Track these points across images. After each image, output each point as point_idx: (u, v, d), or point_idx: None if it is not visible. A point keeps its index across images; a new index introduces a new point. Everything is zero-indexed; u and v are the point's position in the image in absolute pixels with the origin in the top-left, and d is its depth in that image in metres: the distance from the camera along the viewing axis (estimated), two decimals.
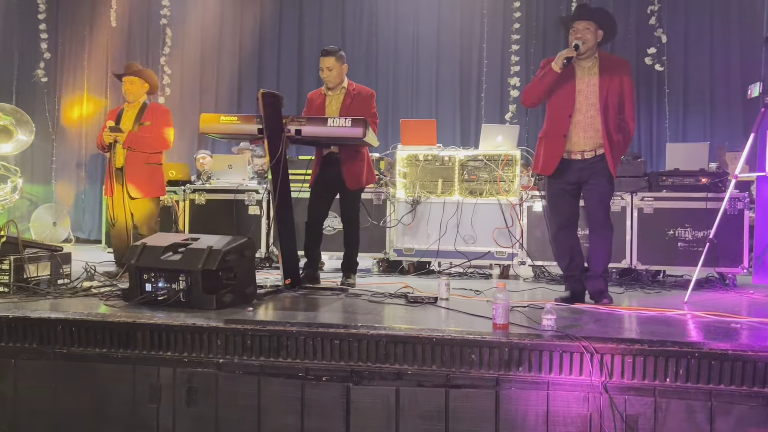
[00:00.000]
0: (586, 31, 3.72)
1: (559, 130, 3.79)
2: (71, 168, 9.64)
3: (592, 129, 3.75)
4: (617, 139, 3.77)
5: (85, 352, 3.10)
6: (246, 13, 9.49)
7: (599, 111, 3.72)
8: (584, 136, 3.77)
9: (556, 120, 3.83)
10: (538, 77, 3.83)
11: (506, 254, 5.40)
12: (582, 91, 3.77)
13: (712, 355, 2.67)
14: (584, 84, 3.77)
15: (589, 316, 3.45)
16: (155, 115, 4.76)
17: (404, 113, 8.64)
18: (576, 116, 3.76)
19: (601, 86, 3.74)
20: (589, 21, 3.74)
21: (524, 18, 8.72)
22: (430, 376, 2.85)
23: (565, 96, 3.78)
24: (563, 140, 3.77)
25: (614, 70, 3.77)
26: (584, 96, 3.77)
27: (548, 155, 3.84)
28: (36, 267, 3.93)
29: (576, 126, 3.77)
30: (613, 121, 3.74)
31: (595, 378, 2.71)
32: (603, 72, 3.75)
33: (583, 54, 3.74)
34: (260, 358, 2.96)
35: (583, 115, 3.76)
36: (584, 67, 3.80)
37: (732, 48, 8.21)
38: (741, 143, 7.79)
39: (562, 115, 3.78)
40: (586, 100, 3.76)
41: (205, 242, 3.48)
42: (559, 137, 3.79)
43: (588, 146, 3.77)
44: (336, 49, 4.37)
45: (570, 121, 3.76)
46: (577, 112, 3.76)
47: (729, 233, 4.81)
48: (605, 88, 3.73)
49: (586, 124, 3.76)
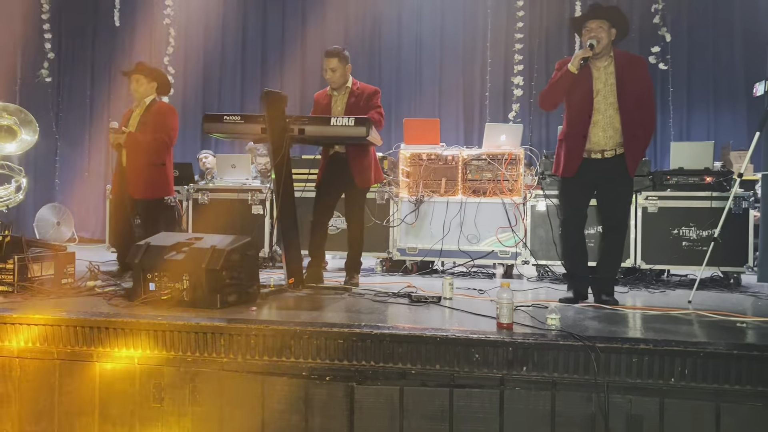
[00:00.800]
0: (600, 30, 3.69)
1: (579, 131, 3.77)
2: (75, 168, 9.66)
3: (612, 128, 3.72)
4: (638, 137, 3.72)
5: (89, 352, 3.10)
6: (249, 13, 9.50)
7: (618, 110, 3.71)
8: (604, 135, 3.74)
9: (575, 121, 3.80)
10: (554, 80, 3.80)
11: (510, 254, 5.38)
12: (600, 91, 3.74)
13: (718, 354, 2.65)
14: (601, 83, 3.74)
15: (594, 315, 3.44)
16: (156, 115, 4.73)
17: (408, 113, 8.64)
18: (595, 116, 3.73)
19: (618, 85, 3.71)
20: (603, 20, 3.71)
21: (528, 17, 8.71)
22: (434, 376, 2.84)
23: (583, 96, 3.75)
24: (583, 141, 3.75)
25: (631, 67, 3.74)
26: (602, 95, 3.74)
27: (569, 157, 3.81)
28: (40, 266, 3.93)
29: (595, 126, 3.74)
30: (632, 119, 3.71)
31: (600, 378, 2.69)
32: (619, 70, 3.73)
33: (598, 53, 3.72)
34: (264, 358, 2.95)
35: (602, 115, 3.73)
36: (600, 66, 3.77)
37: (736, 46, 8.20)
38: (745, 142, 7.79)
39: (582, 116, 3.76)
40: (604, 100, 3.73)
41: (208, 242, 3.48)
42: (579, 138, 3.76)
43: (608, 145, 3.74)
44: (339, 50, 4.36)
45: (590, 121, 3.73)
46: (596, 112, 3.73)
47: (733, 232, 4.80)
48: (623, 86, 3.70)
49: (606, 124, 3.73)
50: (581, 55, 3.65)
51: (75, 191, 9.66)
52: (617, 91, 3.71)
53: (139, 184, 4.66)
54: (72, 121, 9.76)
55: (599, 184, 3.82)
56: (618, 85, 3.71)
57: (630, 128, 3.70)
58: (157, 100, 4.83)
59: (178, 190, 5.92)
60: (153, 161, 4.71)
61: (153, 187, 4.73)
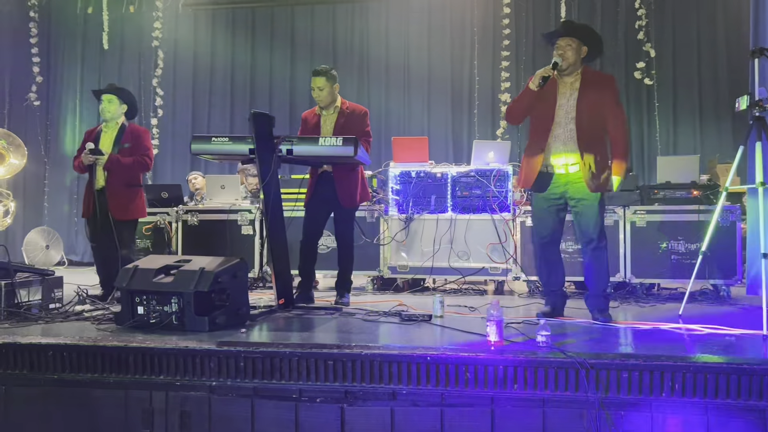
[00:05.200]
0: (568, 48, 3.74)
1: (538, 143, 3.82)
2: (64, 191, 9.62)
3: (572, 142, 3.75)
4: (598, 154, 3.73)
5: (77, 378, 3.06)
6: (238, 33, 9.55)
7: (576, 125, 3.74)
8: (564, 149, 3.77)
9: (536, 133, 3.86)
10: (519, 95, 3.87)
11: (500, 270, 5.39)
12: (562, 106, 3.79)
13: (708, 368, 2.66)
14: (565, 99, 3.79)
15: (584, 331, 3.44)
16: (134, 138, 4.72)
17: (396, 131, 8.68)
18: (555, 130, 3.78)
19: (579, 100, 3.75)
20: (572, 38, 3.76)
21: (514, 34, 8.80)
22: (424, 396, 2.83)
23: (546, 110, 3.80)
24: (541, 153, 3.80)
25: (596, 84, 3.78)
26: (564, 110, 3.78)
27: (528, 168, 3.86)
28: (27, 292, 3.90)
29: (556, 139, 3.78)
30: (591, 136, 3.73)
31: (591, 394, 2.69)
32: (584, 87, 3.77)
33: (566, 70, 3.77)
34: (253, 381, 2.93)
35: (562, 129, 3.77)
36: (567, 82, 3.82)
37: (719, 60, 8.30)
38: (732, 155, 7.86)
39: (542, 129, 3.82)
40: (566, 115, 3.77)
41: (197, 264, 3.47)
42: (537, 150, 3.81)
43: (570, 160, 3.77)
44: (327, 69, 4.39)
45: (549, 134, 3.78)
46: (556, 126, 3.78)
47: (722, 245, 4.83)
48: (583, 102, 3.74)
49: (566, 138, 3.76)
50: (541, 74, 3.66)
51: (64, 214, 9.61)
52: (577, 105, 3.75)
53: (120, 205, 4.64)
54: (61, 144, 9.74)
55: (569, 199, 3.84)
56: (579, 100, 3.75)
57: (587, 143, 3.71)
58: (126, 124, 4.80)
59: (168, 212, 5.91)
60: (131, 183, 4.73)
61: (132, 209, 4.73)
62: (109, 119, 4.76)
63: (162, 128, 9.49)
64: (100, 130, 4.81)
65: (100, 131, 4.79)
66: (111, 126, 4.77)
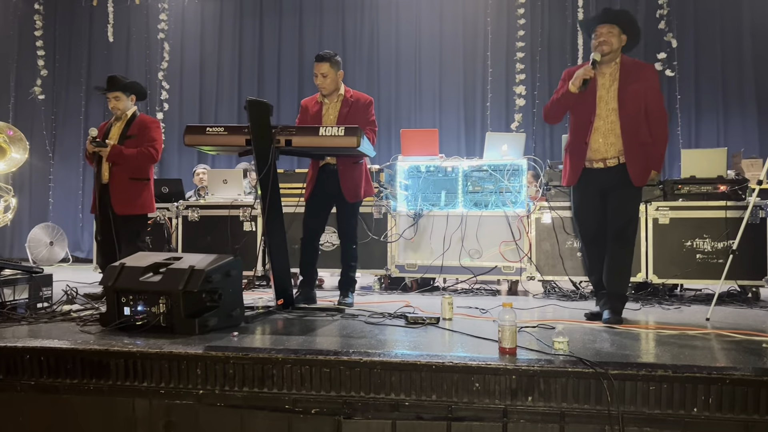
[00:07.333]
0: (610, 35, 3.55)
1: (581, 137, 3.64)
2: (69, 186, 9.48)
3: (613, 135, 3.56)
4: (643, 145, 3.55)
5: (55, 384, 2.84)
6: (245, 26, 9.35)
7: (619, 116, 3.54)
8: (605, 142, 3.58)
9: (577, 128, 3.68)
10: (557, 96, 3.67)
11: (514, 269, 5.12)
12: (603, 97, 3.60)
13: (746, 381, 2.38)
14: (605, 90, 3.60)
15: (606, 337, 3.17)
16: (141, 128, 4.52)
17: (407, 123, 8.43)
18: (596, 122, 3.59)
19: (620, 90, 3.55)
20: (613, 24, 3.56)
21: (529, 26, 8.51)
22: (429, 408, 2.57)
23: (586, 103, 3.61)
24: (584, 147, 3.61)
25: (636, 74, 3.58)
26: (605, 102, 3.59)
27: (572, 165, 3.69)
28: (12, 290, 3.70)
29: (596, 132, 3.59)
30: (634, 126, 3.53)
31: (613, 408, 2.42)
32: (623, 76, 3.57)
33: (606, 58, 3.56)
34: (243, 389, 2.69)
35: (603, 120, 3.58)
36: (605, 72, 3.62)
37: (744, 50, 7.95)
38: (757, 149, 7.52)
39: (583, 122, 3.63)
40: (606, 106, 3.58)
41: (187, 262, 3.23)
42: (580, 145, 3.64)
43: (609, 153, 3.58)
44: (331, 54, 4.14)
45: (590, 127, 3.59)
46: (597, 118, 3.59)
47: (751, 244, 4.53)
48: (625, 92, 3.54)
49: (607, 130, 3.57)
50: (582, 76, 3.48)
51: (69, 210, 9.47)
52: (618, 96, 3.55)
53: (123, 199, 4.43)
54: (66, 138, 9.60)
55: (606, 195, 3.65)
56: (620, 90, 3.55)
57: (631, 135, 3.53)
58: (137, 113, 4.62)
59: (168, 207, 5.70)
60: (136, 176, 4.49)
61: (137, 204, 4.50)
62: (120, 115, 4.61)
63: (168, 121, 9.30)
64: (110, 124, 4.67)
65: (111, 125, 4.65)
66: (122, 118, 4.62)
